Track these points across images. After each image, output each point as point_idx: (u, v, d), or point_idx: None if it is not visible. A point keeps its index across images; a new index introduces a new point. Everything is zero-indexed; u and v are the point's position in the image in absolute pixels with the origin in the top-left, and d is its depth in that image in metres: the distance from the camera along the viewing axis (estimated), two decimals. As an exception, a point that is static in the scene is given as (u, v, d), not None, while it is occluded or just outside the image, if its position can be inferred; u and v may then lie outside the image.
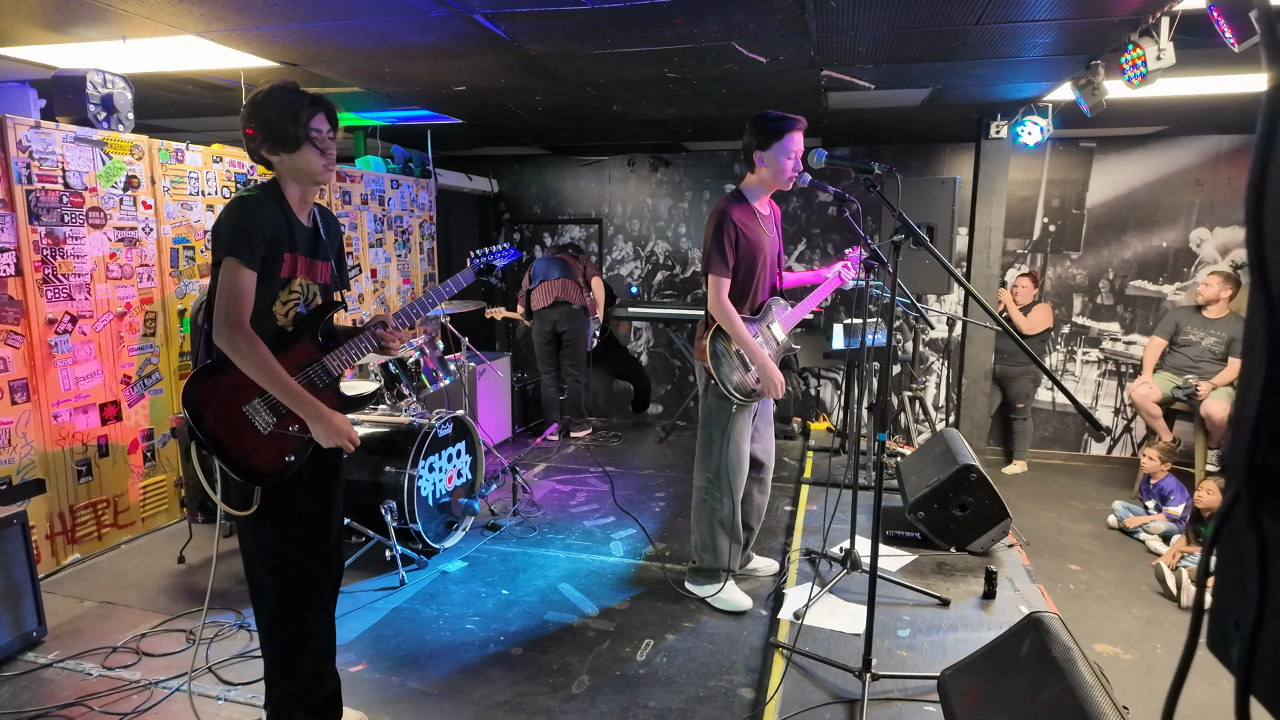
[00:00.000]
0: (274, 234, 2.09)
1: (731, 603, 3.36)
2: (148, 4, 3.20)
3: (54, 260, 3.64)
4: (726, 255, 3.12)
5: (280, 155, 2.10)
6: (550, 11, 3.30)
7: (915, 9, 3.29)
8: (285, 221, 2.13)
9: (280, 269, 2.11)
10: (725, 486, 3.28)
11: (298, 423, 2.13)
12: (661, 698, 2.73)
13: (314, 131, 2.10)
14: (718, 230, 3.12)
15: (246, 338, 2.02)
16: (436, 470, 3.90)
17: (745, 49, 3.88)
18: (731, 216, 3.14)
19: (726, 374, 3.17)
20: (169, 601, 3.44)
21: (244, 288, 2.03)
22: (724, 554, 3.37)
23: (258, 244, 2.04)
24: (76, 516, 3.81)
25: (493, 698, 2.73)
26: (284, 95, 2.08)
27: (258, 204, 2.08)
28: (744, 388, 3.21)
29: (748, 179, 3.29)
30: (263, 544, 2.18)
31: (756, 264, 3.23)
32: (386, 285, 6.24)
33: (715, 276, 3.12)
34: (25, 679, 2.82)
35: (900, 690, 2.69)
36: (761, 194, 3.30)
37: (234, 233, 2.03)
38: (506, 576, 3.72)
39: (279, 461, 2.12)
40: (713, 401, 3.25)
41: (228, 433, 2.07)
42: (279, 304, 2.14)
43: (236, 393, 2.09)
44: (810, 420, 6.74)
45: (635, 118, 5.89)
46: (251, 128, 2.09)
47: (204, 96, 5.11)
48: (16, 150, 3.48)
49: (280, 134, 2.07)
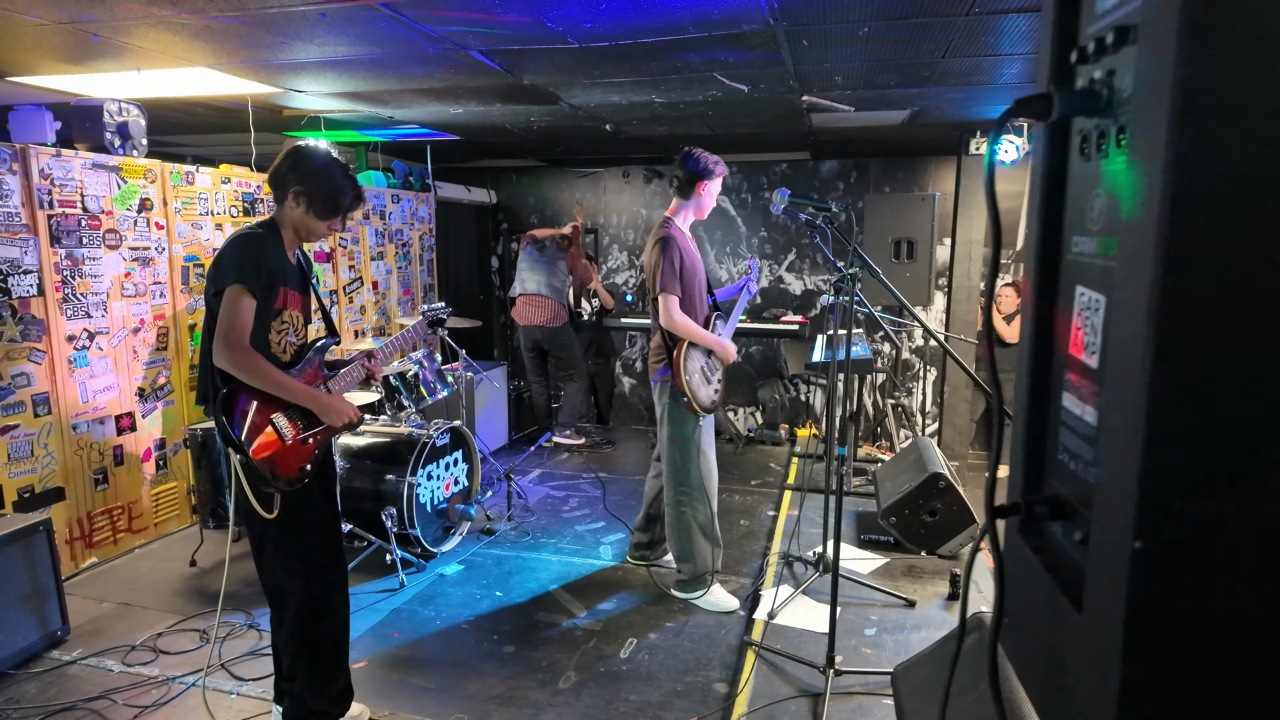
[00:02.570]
0: (273, 267, 2.32)
1: (719, 604, 3.58)
2: (162, 42, 3.42)
3: (73, 280, 3.86)
4: (677, 274, 3.39)
5: (304, 212, 2.34)
6: (540, 49, 3.52)
7: (884, 46, 3.50)
8: (282, 258, 2.37)
9: (275, 300, 2.34)
10: (701, 495, 3.51)
11: (312, 435, 2.36)
12: (642, 692, 2.94)
13: (346, 216, 2.39)
14: (665, 253, 3.38)
15: (246, 354, 2.22)
16: (434, 478, 4.11)
17: (727, 78, 4.09)
18: (676, 241, 3.43)
19: (696, 389, 3.40)
20: (183, 603, 3.65)
21: (245, 313, 2.23)
22: (705, 559, 3.59)
23: (262, 274, 2.27)
24: (94, 522, 4.03)
25: (485, 692, 2.94)
26: (340, 175, 2.36)
27: (260, 239, 2.32)
28: (707, 402, 3.48)
29: (681, 207, 3.55)
30: (285, 551, 2.40)
31: (696, 284, 3.51)
32: (388, 296, 6.45)
33: (667, 295, 3.37)
34: (51, 675, 3.03)
35: (862, 685, 2.90)
36: (688, 220, 3.58)
37: (241, 264, 2.24)
38: (501, 579, 3.93)
39: (296, 470, 2.35)
40: (681, 418, 3.48)
41: (259, 442, 2.30)
42: (273, 333, 2.36)
43: (265, 408, 2.31)
44: (797, 427, 6.95)
45: (627, 136, 6.11)
46: (301, 186, 2.32)
47: (212, 117, 5.33)
48: (39, 177, 3.70)
49: (323, 204, 2.34)
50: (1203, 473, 0.54)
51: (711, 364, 3.56)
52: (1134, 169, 0.56)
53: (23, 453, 3.67)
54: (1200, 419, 0.54)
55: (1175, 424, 0.54)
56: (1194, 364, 0.53)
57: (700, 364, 3.48)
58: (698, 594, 3.62)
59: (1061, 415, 0.73)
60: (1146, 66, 0.55)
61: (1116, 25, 0.60)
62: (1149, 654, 0.57)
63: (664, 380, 3.49)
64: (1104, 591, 0.60)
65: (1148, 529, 0.55)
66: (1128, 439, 0.56)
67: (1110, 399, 0.60)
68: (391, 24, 3.13)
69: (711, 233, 7.58)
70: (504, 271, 8.71)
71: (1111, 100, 0.64)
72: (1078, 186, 0.71)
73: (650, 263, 3.45)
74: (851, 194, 7.49)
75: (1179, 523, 0.55)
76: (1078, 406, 0.69)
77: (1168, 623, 0.56)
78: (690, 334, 3.40)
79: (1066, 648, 0.69)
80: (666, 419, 3.52)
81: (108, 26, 3.18)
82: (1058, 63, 0.72)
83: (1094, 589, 0.62)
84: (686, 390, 3.37)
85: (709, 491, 3.52)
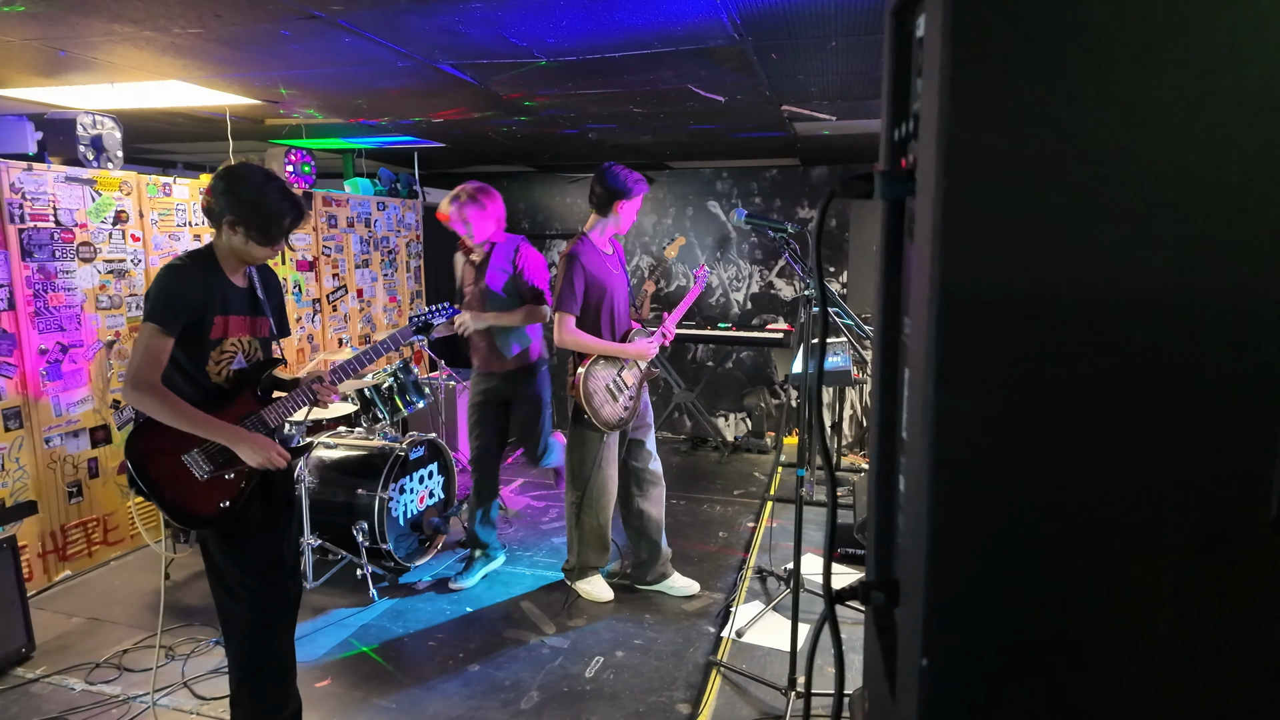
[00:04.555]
0: (199, 301, 2.26)
1: (595, 595, 3.81)
2: (132, 57, 3.41)
3: (45, 294, 3.86)
4: (576, 293, 3.43)
5: (243, 241, 2.29)
6: (509, 63, 3.50)
7: (855, 59, 3.47)
8: (217, 286, 2.32)
9: (209, 331, 2.30)
10: (593, 506, 3.65)
11: (232, 471, 2.33)
12: (604, 712, 2.93)
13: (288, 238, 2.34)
14: (567, 272, 3.43)
15: (152, 391, 2.17)
16: (408, 491, 4.10)
17: (702, 90, 4.07)
18: (580, 259, 3.47)
19: (598, 408, 3.48)
20: (153, 618, 3.65)
21: (156, 351, 2.19)
22: (588, 556, 3.78)
23: (179, 311, 2.21)
24: (68, 535, 4.03)
25: (446, 713, 2.93)
26: (277, 199, 2.27)
27: (184, 273, 2.27)
28: (612, 420, 3.55)
29: (597, 222, 3.60)
30: (225, 580, 2.38)
31: (605, 298, 3.54)
32: (373, 304, 6.45)
33: (562, 313, 3.42)
34: (14, 693, 3.03)
35: (825, 707, 2.87)
36: (605, 235, 3.62)
37: (156, 300, 2.21)
38: (472, 594, 3.92)
39: (214, 507, 2.32)
40: (583, 432, 3.58)
41: (168, 482, 2.27)
42: (211, 364, 2.32)
43: (176, 444, 2.28)
44: (785, 435, 6.92)
45: (611, 143, 6.08)
46: (234, 216, 2.25)
47: (194, 126, 5.32)
48: (9, 191, 3.70)
49: (261, 232, 2.27)
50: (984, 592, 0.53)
51: (620, 380, 3.59)
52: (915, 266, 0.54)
53: (-7, 467, 3.67)
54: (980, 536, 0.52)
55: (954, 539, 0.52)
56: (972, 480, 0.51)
57: (606, 381, 3.54)
58: (579, 582, 3.85)
59: (899, 498, 0.71)
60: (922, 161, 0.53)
61: (916, 112, 0.58)
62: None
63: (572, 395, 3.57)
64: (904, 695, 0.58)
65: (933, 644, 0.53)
66: (916, 549, 0.54)
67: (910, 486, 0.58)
68: (355, 40, 3.12)
69: (702, 239, 7.57)
70: (495, 277, 8.69)
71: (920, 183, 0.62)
72: (908, 267, 0.69)
73: (553, 278, 3.55)
74: (841, 200, 7.45)
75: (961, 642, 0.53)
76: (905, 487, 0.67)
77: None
78: (586, 347, 3.48)
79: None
80: (571, 427, 3.63)
81: (73, 42, 3.18)
82: (891, 142, 0.70)
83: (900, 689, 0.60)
84: (586, 408, 3.45)
85: (602, 504, 3.67)
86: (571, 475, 3.71)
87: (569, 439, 3.69)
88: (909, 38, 0.67)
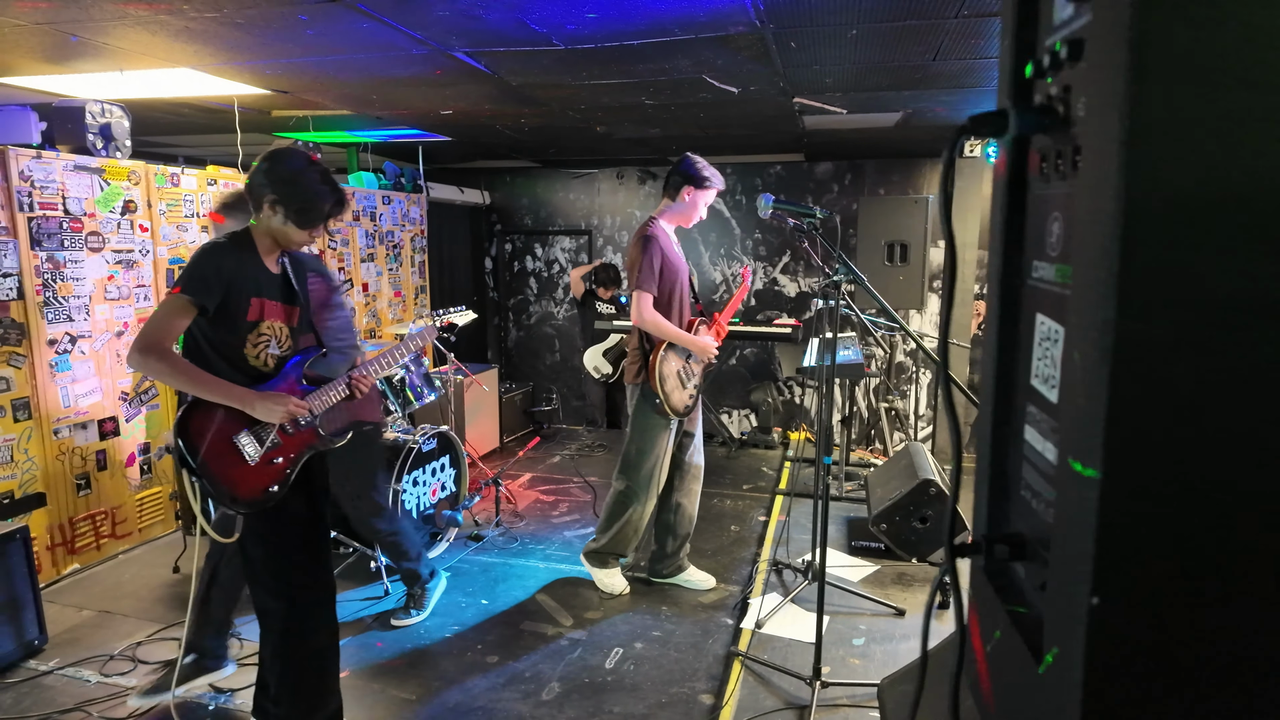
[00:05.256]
0: (237, 280, 2.23)
1: (611, 586, 3.75)
2: (143, 43, 3.37)
3: (54, 284, 3.81)
4: (655, 272, 3.38)
5: (282, 221, 2.27)
6: (526, 50, 3.47)
7: (873, 48, 3.46)
8: (252, 269, 2.29)
9: (245, 312, 2.27)
10: (639, 499, 3.59)
11: (280, 455, 2.30)
12: (626, 704, 2.90)
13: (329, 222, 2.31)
14: (645, 251, 3.37)
15: (157, 352, 2.11)
16: (420, 484, 4.07)
17: (716, 81, 4.05)
18: (657, 240, 3.42)
19: (669, 392, 3.43)
20: (164, 610, 3.61)
21: (175, 321, 2.16)
22: (620, 545, 3.70)
23: (215, 288, 2.18)
24: (76, 528, 3.98)
25: (467, 704, 2.90)
26: (317, 181, 2.26)
27: (223, 251, 2.25)
28: (679, 406, 3.50)
29: (667, 208, 3.55)
30: (267, 570, 2.34)
31: (677, 284, 3.51)
32: (378, 299, 6.41)
33: (641, 293, 3.36)
34: (27, 686, 2.99)
35: (849, 697, 2.86)
36: (673, 222, 3.58)
37: (193, 273, 2.18)
38: (487, 587, 3.89)
39: (262, 491, 2.29)
40: (651, 419, 3.51)
41: (217, 463, 2.23)
42: (249, 346, 2.29)
43: (226, 426, 2.25)
44: (791, 431, 6.91)
45: (619, 136, 6.06)
46: (275, 195, 2.23)
47: (199, 117, 5.28)
48: (19, 179, 3.65)
49: (300, 213, 2.25)
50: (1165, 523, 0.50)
51: (689, 368, 3.55)
52: (1085, 192, 0.52)
53: (2, 458, 3.62)
54: (1158, 468, 0.50)
55: (1135, 477, 0.49)
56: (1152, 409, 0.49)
57: (677, 367, 3.50)
58: (596, 569, 3.79)
59: (1024, 449, 0.68)
60: (1096, 83, 0.50)
61: (1070, 38, 0.56)
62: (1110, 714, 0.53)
63: (638, 383, 3.52)
64: (1062, 646, 0.56)
65: (1106, 584, 0.51)
66: (1083, 486, 0.52)
67: (1068, 439, 0.56)
68: (373, 25, 3.09)
69: (706, 235, 7.54)
70: (497, 273, 8.66)
71: (1068, 118, 0.59)
72: (1037, 209, 0.67)
73: (629, 260, 3.45)
74: (846, 195, 7.45)
75: (1137, 576, 0.51)
76: (1039, 441, 0.65)
77: (1129, 682, 0.52)
78: (662, 331, 3.41)
79: (1025, 696, 0.65)
80: (635, 415, 3.57)
81: (85, 26, 3.14)
82: (1015, 76, 0.67)
83: (1052, 641, 0.58)
84: (659, 391, 3.39)
85: (653, 494, 3.61)
86: (625, 463, 3.64)
87: (632, 427, 3.61)
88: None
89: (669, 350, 3.46)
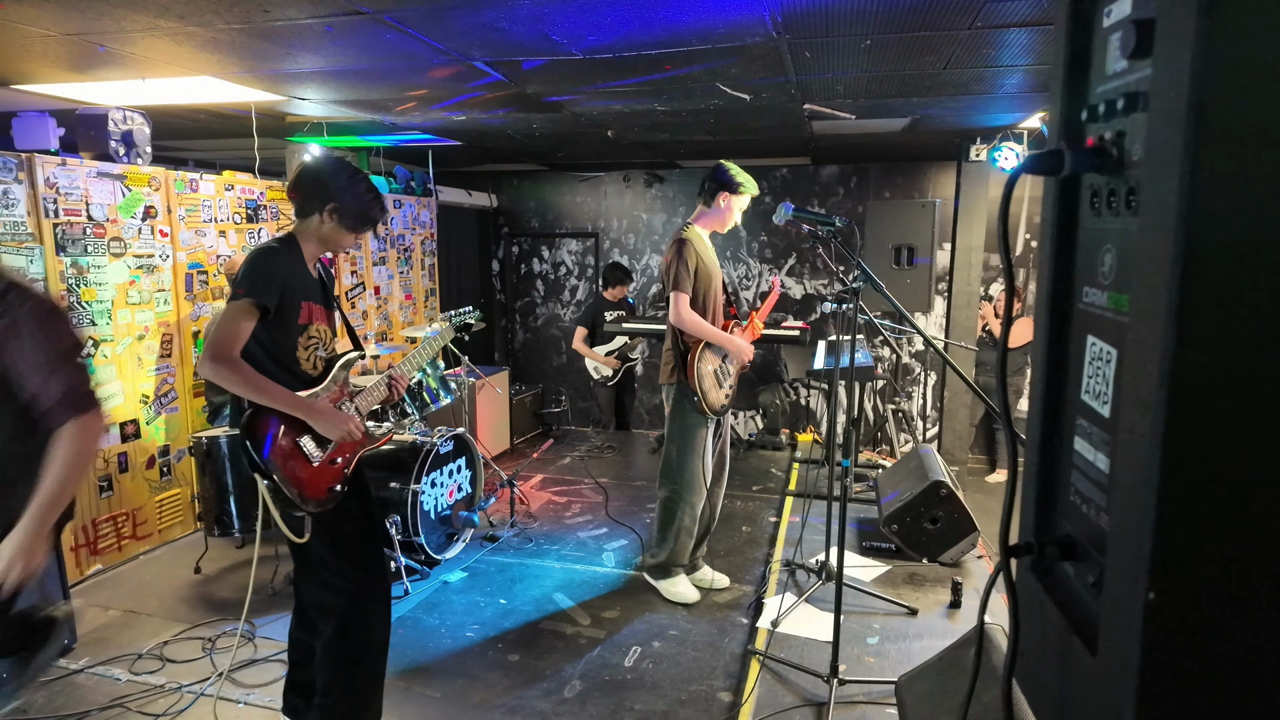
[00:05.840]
0: (291, 282, 2.29)
1: (680, 595, 3.73)
2: (168, 52, 3.43)
3: (78, 289, 3.87)
4: (691, 272, 3.45)
5: (334, 226, 2.33)
6: (543, 60, 3.53)
7: (886, 58, 3.52)
8: (300, 272, 2.35)
9: (298, 315, 2.33)
10: (686, 500, 3.62)
11: (340, 455, 2.37)
12: (647, 701, 2.96)
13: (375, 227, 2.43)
14: (680, 254, 3.45)
15: (230, 363, 2.17)
16: (438, 485, 4.13)
17: (730, 88, 4.12)
18: (691, 243, 3.49)
19: (707, 391, 3.46)
20: (188, 610, 3.67)
21: (241, 326, 2.20)
22: (679, 553, 3.71)
23: (274, 289, 2.24)
24: (99, 529, 4.04)
25: (491, 701, 2.96)
26: (366, 189, 2.37)
27: (278, 254, 2.30)
28: (716, 405, 3.54)
29: (702, 214, 3.62)
30: (325, 568, 2.39)
31: (712, 286, 3.56)
32: (389, 301, 6.47)
33: (678, 293, 3.42)
34: (60, 684, 3.05)
35: (865, 694, 2.92)
36: (708, 228, 3.64)
37: (253, 276, 2.22)
38: (504, 586, 3.95)
39: (326, 491, 2.35)
40: (691, 418, 3.54)
41: (285, 465, 2.27)
42: (301, 349, 2.35)
43: (290, 429, 2.30)
44: (798, 432, 6.97)
45: (629, 141, 6.12)
46: (336, 202, 2.31)
47: (214, 123, 5.33)
48: (44, 186, 3.71)
49: (355, 218, 2.35)
50: (1217, 532, 0.57)
51: (725, 368, 3.62)
52: (1145, 233, 0.58)
53: (28, 461, 3.68)
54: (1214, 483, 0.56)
55: (1188, 486, 0.56)
56: (1207, 427, 0.55)
57: (714, 366, 3.55)
58: (663, 581, 3.77)
59: (1073, 458, 0.75)
60: (1157, 136, 0.57)
61: (1127, 92, 0.62)
62: (1163, 702, 0.59)
63: (673, 382, 3.56)
64: (1118, 638, 0.62)
65: (1162, 581, 0.57)
66: (1141, 493, 0.58)
67: (1123, 452, 0.62)
68: (397, 36, 3.15)
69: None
70: (504, 275, 8.73)
71: (1121, 160, 0.66)
72: (1088, 239, 0.73)
73: (665, 264, 3.52)
74: (851, 199, 7.52)
75: (1193, 575, 0.57)
76: (1089, 452, 0.71)
77: (1182, 672, 0.58)
78: (700, 331, 3.46)
79: (1078, 686, 0.71)
80: (673, 416, 3.60)
81: (115, 37, 3.19)
82: (1068, 120, 0.74)
83: (1109, 634, 0.64)
84: (698, 390, 3.43)
85: (698, 493, 3.63)
86: (667, 467, 3.65)
87: (669, 429, 3.64)
88: (1088, 23, 0.71)
89: (706, 349, 3.51)
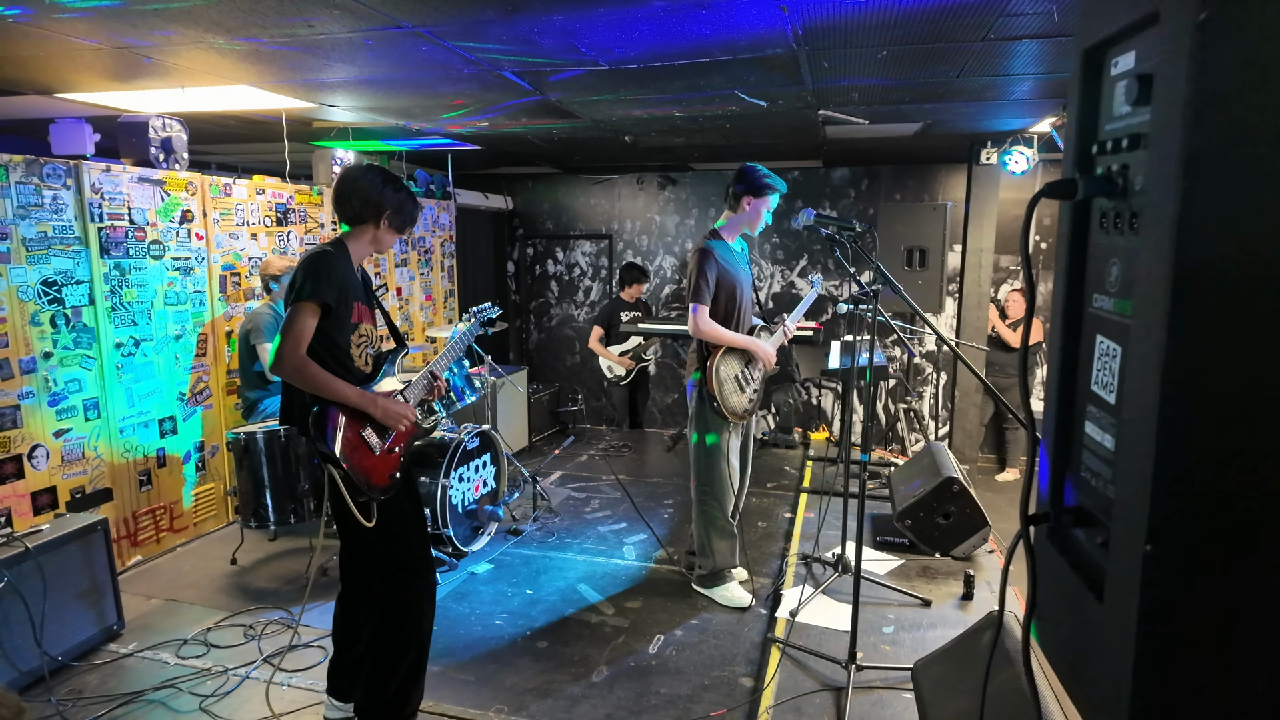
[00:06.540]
0: (344, 282, 2.44)
1: (733, 600, 3.75)
2: (210, 63, 3.58)
3: (120, 290, 4.03)
4: (710, 284, 3.54)
5: (385, 229, 2.51)
6: (570, 71, 3.67)
7: (901, 67, 3.64)
8: (350, 274, 2.50)
9: (351, 315, 2.47)
10: (718, 501, 3.69)
11: (397, 445, 2.51)
12: (671, 686, 3.09)
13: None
14: (699, 264, 3.54)
15: (301, 363, 2.34)
16: (465, 480, 4.27)
17: (747, 95, 4.24)
18: (713, 254, 3.57)
19: (727, 396, 3.55)
20: (227, 599, 3.82)
21: (308, 328, 2.35)
22: (723, 557, 3.76)
23: (333, 288, 2.38)
24: (139, 522, 4.20)
25: (522, 684, 3.10)
26: (407, 192, 2.55)
27: (334, 257, 2.44)
28: (738, 409, 3.61)
29: (729, 218, 3.70)
30: (379, 556, 2.53)
31: (735, 293, 3.64)
32: (410, 302, 6.62)
33: (697, 304, 3.52)
34: (110, 667, 3.20)
35: (882, 680, 3.05)
36: (734, 232, 3.72)
37: (315, 278, 2.36)
38: (529, 577, 4.08)
39: (388, 478, 2.50)
40: (711, 421, 3.62)
41: (353, 456, 2.42)
42: (354, 347, 2.49)
43: (354, 422, 2.44)
44: (811, 430, 7.09)
45: (645, 145, 6.26)
46: (392, 208, 2.49)
47: (243, 128, 5.49)
48: (90, 191, 3.87)
49: (403, 220, 2.53)
50: (1200, 497, 0.69)
51: (748, 373, 3.68)
52: (1145, 251, 0.70)
53: (75, 455, 3.84)
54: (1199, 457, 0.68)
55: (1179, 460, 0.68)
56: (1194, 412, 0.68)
57: (735, 371, 3.61)
58: (715, 589, 3.80)
59: (1084, 440, 0.87)
60: (1155, 171, 0.69)
61: (1130, 132, 0.75)
62: (1160, 633, 0.71)
63: (696, 386, 3.64)
64: (1122, 585, 0.74)
65: (1157, 536, 0.70)
66: (1141, 466, 0.70)
67: (1127, 432, 0.75)
68: (431, 48, 3.29)
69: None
70: (519, 276, 8.87)
71: (1126, 188, 0.78)
72: (1098, 252, 0.85)
73: (687, 274, 3.62)
74: (862, 201, 7.64)
75: (1182, 532, 0.69)
76: (1098, 434, 0.84)
77: (1174, 608, 0.71)
78: (720, 339, 3.54)
79: (1090, 629, 0.83)
80: (695, 422, 3.68)
81: (162, 50, 3.34)
82: (1080, 153, 0.86)
83: (1114, 583, 0.76)
84: (716, 395, 3.52)
85: (727, 495, 3.68)
86: (696, 470, 3.72)
87: (694, 433, 3.70)
88: (1099, 70, 0.84)
89: (727, 354, 3.58)
